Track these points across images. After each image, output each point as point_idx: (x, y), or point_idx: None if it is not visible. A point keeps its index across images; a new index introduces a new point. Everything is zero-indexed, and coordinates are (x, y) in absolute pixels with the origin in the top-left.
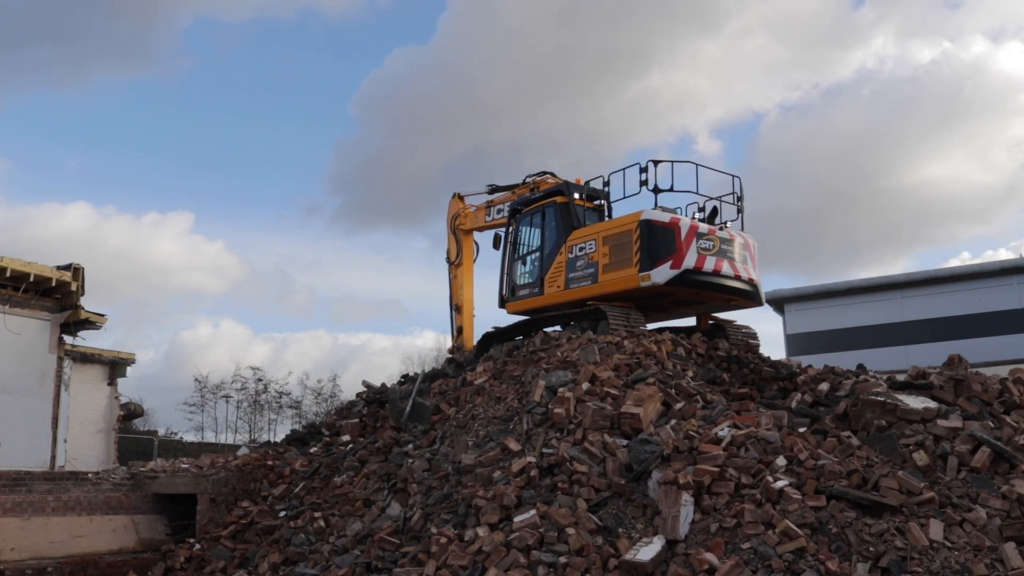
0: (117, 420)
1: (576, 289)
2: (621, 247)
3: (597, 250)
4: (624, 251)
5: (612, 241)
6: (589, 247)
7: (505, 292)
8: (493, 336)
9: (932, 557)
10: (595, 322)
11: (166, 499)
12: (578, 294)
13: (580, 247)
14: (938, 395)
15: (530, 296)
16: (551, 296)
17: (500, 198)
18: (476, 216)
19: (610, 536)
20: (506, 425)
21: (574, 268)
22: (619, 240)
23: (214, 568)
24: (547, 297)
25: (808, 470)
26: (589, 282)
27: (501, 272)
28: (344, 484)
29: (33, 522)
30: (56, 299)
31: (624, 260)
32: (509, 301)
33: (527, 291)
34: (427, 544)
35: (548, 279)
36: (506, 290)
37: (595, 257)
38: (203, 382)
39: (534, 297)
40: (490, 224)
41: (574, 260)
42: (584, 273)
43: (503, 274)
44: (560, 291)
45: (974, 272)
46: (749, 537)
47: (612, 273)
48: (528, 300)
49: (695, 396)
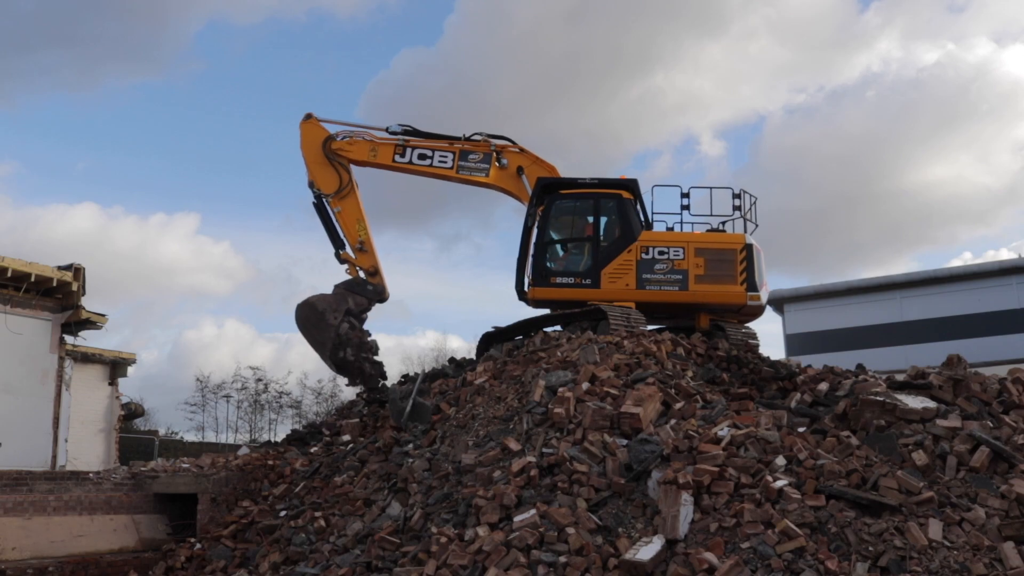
0: (118, 420)
1: (656, 291)
2: (722, 263)
3: (687, 259)
4: (725, 267)
5: (709, 255)
6: (674, 253)
7: (532, 276)
8: (493, 336)
9: (931, 556)
10: (595, 322)
11: (167, 499)
12: (658, 296)
13: (660, 251)
14: (937, 395)
15: (576, 287)
16: (613, 292)
17: (427, 143)
18: (376, 150)
19: (610, 536)
20: (506, 425)
21: (651, 270)
22: (720, 256)
23: (215, 567)
24: (606, 292)
25: (807, 470)
26: (676, 288)
27: (523, 254)
28: (344, 484)
29: (34, 522)
30: (57, 299)
31: (725, 276)
32: (537, 286)
33: (570, 280)
34: (427, 544)
35: (607, 274)
36: (534, 274)
37: (683, 265)
38: (204, 382)
39: (583, 288)
40: (402, 166)
41: (650, 262)
42: (667, 278)
43: (526, 257)
44: (629, 289)
45: (973, 272)
46: (749, 537)
47: (709, 285)
48: (571, 290)
49: (695, 396)
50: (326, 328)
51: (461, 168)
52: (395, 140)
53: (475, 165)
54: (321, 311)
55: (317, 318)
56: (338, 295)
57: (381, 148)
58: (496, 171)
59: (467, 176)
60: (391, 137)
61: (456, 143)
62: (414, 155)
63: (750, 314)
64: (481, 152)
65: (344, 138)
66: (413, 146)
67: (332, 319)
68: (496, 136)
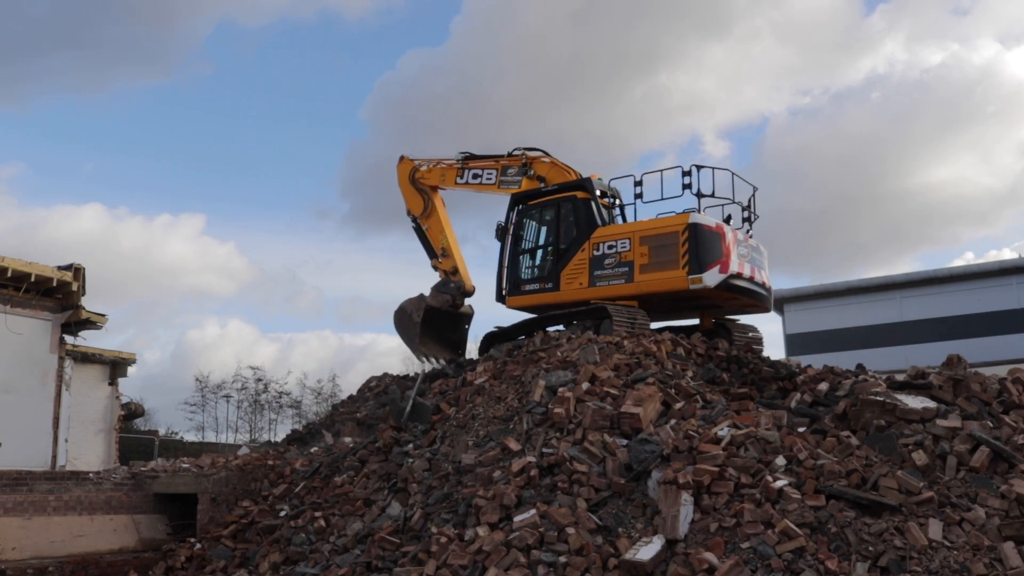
0: (118, 420)
1: (605, 287)
2: (665, 248)
3: (632, 249)
4: (668, 252)
5: (653, 242)
6: (621, 246)
7: (506, 287)
8: (495, 336)
9: (931, 556)
10: (598, 321)
11: (167, 499)
12: (608, 292)
13: (609, 245)
14: (937, 395)
15: (540, 292)
16: (570, 293)
17: (478, 163)
18: (444, 175)
19: (610, 536)
20: (506, 425)
21: (601, 266)
22: (662, 241)
23: (215, 567)
24: (565, 293)
25: (807, 470)
26: (622, 281)
27: (500, 265)
28: (344, 484)
29: (34, 522)
30: (57, 299)
31: (668, 261)
32: (511, 296)
33: (536, 286)
34: (427, 544)
35: (566, 275)
36: (507, 285)
37: (629, 256)
38: (203, 382)
39: (545, 292)
40: (463, 186)
41: (601, 258)
42: (615, 272)
43: (502, 267)
44: (583, 288)
45: (974, 272)
46: (749, 536)
47: (653, 274)
48: (537, 295)
49: (695, 396)
50: (411, 325)
51: (502, 183)
52: (456, 165)
53: (511, 178)
54: (409, 312)
55: (406, 318)
56: (420, 296)
57: (448, 173)
58: (527, 181)
59: (506, 189)
60: (453, 162)
61: (501, 160)
62: (469, 176)
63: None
64: (515, 166)
65: (425, 167)
66: (469, 167)
67: (416, 317)
68: (531, 149)
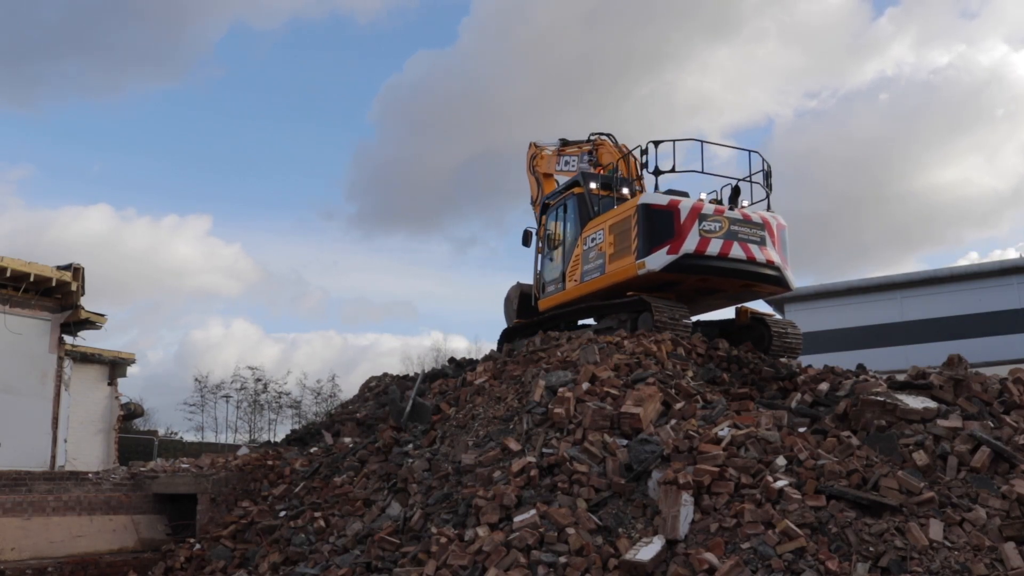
0: (117, 420)
1: (588, 282)
2: (623, 235)
3: (606, 240)
4: (625, 239)
5: (616, 229)
6: (599, 237)
7: (537, 290)
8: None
9: (932, 557)
10: (636, 314)
11: (166, 499)
12: (590, 287)
13: (592, 238)
14: (938, 395)
15: (556, 292)
16: (571, 291)
17: (570, 150)
18: (550, 161)
19: (610, 536)
20: (506, 425)
21: (588, 260)
22: (622, 227)
23: (214, 568)
24: (568, 292)
25: (808, 470)
26: (598, 274)
27: (535, 269)
28: (344, 484)
29: (33, 522)
30: (56, 299)
31: (625, 248)
32: (541, 299)
33: (554, 287)
34: (427, 544)
35: (569, 273)
36: (537, 288)
37: (604, 247)
38: (203, 382)
39: (559, 293)
40: (559, 172)
41: (588, 252)
42: (595, 265)
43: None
44: (577, 285)
45: (974, 272)
46: (749, 537)
47: (616, 263)
48: (554, 296)
49: (695, 396)
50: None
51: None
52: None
53: (586, 165)
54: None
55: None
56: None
57: (552, 160)
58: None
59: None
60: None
61: (583, 146)
62: (562, 162)
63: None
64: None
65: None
66: (562, 154)
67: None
68: (602, 134)
